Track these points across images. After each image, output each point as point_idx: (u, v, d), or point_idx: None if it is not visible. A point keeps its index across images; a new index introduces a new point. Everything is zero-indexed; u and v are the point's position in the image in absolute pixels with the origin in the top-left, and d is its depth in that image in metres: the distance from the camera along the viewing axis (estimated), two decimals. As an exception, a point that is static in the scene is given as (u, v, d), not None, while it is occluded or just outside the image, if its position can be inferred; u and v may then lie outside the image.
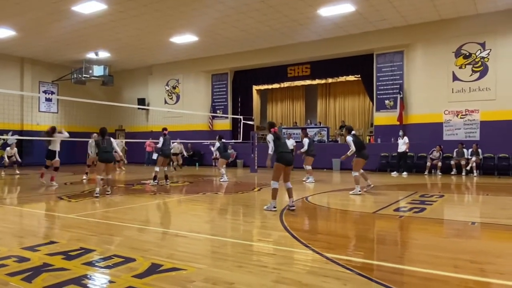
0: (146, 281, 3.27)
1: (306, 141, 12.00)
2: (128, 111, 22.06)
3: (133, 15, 14.08)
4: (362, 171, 9.31)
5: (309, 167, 12.07)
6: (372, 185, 9.36)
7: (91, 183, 11.07)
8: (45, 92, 21.79)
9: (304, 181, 11.90)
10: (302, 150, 11.99)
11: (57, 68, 21.74)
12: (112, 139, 9.26)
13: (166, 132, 11.37)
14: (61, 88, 22.09)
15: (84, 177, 12.70)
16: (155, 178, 11.05)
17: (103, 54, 19.71)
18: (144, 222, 6.23)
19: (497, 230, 5.50)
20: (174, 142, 15.60)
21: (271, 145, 6.81)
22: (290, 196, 6.84)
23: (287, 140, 18.15)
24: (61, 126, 12.22)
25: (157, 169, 11.15)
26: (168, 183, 11.22)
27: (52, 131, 11.14)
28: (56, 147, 11.10)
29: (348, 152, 9.17)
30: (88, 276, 3.44)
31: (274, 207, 6.74)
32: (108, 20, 14.58)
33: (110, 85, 22.05)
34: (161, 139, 11.15)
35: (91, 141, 12.26)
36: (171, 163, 16.36)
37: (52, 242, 4.60)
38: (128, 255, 4.01)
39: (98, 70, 20.51)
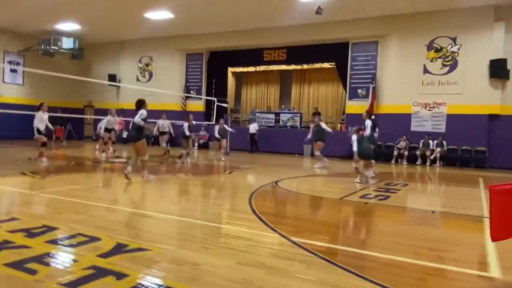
0: (111, 260, 3.24)
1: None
2: (98, 87, 21.38)
3: (106, -13, 13.55)
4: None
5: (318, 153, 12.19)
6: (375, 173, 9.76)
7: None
8: (10, 62, 20.75)
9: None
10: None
11: (23, 38, 20.70)
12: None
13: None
14: (28, 59, 21.09)
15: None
16: (180, 156, 12.04)
17: (73, 26, 18.91)
18: (112, 201, 6.13)
19: (455, 219, 5.77)
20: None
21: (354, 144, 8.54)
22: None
23: (250, 125, 18.12)
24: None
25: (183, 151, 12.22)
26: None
27: (38, 107, 10.44)
28: (36, 124, 10.45)
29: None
30: (51, 254, 3.37)
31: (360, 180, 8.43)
32: (79, -10, 13.96)
33: (80, 59, 21.27)
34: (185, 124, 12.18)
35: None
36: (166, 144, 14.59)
37: (13, 219, 4.46)
38: (93, 234, 3.95)
39: (67, 43, 19.68)
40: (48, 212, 4.92)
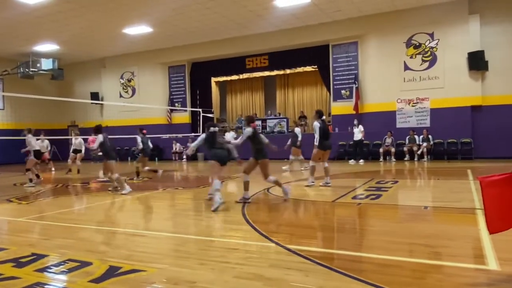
0: (104, 285, 3.15)
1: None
2: (81, 106, 21.18)
3: (82, 5, 13.42)
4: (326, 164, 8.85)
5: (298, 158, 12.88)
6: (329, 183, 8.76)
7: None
8: (-12, 87, 20.40)
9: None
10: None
11: (1, 62, 20.38)
12: None
13: (144, 131, 11.39)
14: (7, 83, 20.76)
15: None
16: (138, 174, 11.40)
17: (52, 47, 18.69)
18: (101, 222, 6.00)
19: (448, 213, 5.79)
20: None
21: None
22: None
23: (226, 133, 18.06)
24: None
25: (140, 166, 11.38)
26: (140, 179, 11.42)
27: None
28: None
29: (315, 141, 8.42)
30: (41, 284, 3.26)
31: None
32: (55, 11, 13.81)
33: (60, 79, 21.01)
34: (139, 138, 11.07)
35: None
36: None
37: (0, 249, 4.33)
38: (84, 258, 3.85)
39: (46, 64, 19.43)
40: (36, 239, 4.79)
